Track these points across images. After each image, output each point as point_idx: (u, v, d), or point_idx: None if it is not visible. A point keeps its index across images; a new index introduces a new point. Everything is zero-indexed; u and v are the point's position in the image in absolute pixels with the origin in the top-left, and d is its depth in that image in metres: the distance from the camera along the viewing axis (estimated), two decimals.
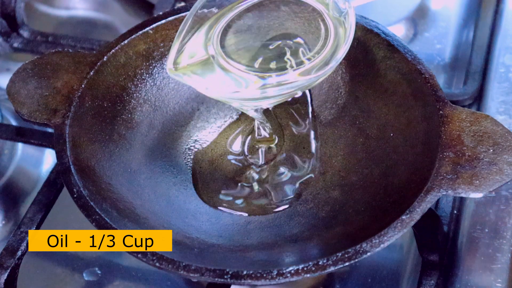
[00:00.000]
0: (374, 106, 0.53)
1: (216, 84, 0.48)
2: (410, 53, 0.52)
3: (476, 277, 0.49)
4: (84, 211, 0.46)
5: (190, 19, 0.49)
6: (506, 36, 0.64)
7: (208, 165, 0.55)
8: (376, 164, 0.51)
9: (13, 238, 0.52)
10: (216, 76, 0.48)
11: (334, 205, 0.51)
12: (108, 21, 0.75)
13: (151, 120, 0.55)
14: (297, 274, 0.42)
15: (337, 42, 0.48)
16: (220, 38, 0.49)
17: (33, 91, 0.52)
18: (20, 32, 0.68)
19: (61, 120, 0.50)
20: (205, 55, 0.49)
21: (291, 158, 0.54)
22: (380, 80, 0.53)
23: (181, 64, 0.48)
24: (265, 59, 0.49)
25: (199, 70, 0.48)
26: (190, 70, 0.48)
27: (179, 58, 0.48)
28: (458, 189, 0.44)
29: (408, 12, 0.70)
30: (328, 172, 0.53)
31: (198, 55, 0.49)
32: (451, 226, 0.52)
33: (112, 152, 0.52)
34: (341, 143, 0.54)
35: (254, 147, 0.55)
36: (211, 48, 0.49)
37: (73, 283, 0.54)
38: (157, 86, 0.56)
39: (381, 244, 0.43)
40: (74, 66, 0.53)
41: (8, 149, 0.61)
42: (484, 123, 0.47)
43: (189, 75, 0.48)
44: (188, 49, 0.48)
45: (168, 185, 0.53)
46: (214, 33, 0.49)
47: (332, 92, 0.55)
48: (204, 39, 0.49)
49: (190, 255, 0.46)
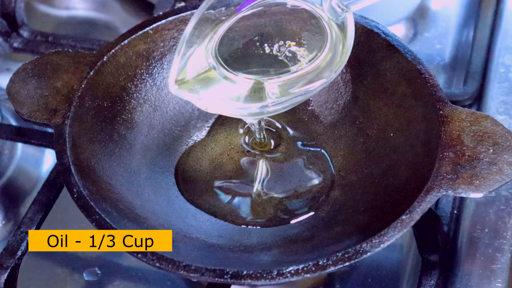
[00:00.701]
0: (374, 106, 0.53)
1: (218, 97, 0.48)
2: (410, 53, 0.52)
3: (476, 277, 0.49)
4: (84, 211, 0.46)
5: (187, 35, 0.48)
6: (506, 36, 0.64)
7: (208, 164, 0.55)
8: (376, 164, 0.51)
9: (13, 238, 0.51)
10: (218, 87, 0.48)
11: (334, 205, 0.51)
12: (108, 21, 0.75)
13: (151, 120, 0.55)
14: (297, 274, 0.42)
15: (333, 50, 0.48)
16: (218, 48, 0.49)
17: (33, 91, 0.52)
18: (20, 32, 0.68)
19: (61, 120, 0.50)
20: (207, 66, 0.49)
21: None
22: (380, 80, 0.53)
23: (187, 78, 0.48)
24: (264, 65, 0.49)
25: (202, 83, 0.48)
26: (194, 84, 0.48)
27: (182, 74, 0.48)
28: (458, 189, 0.44)
29: (408, 12, 0.70)
30: (328, 171, 0.53)
31: (201, 68, 0.49)
32: (451, 226, 0.52)
33: (112, 152, 0.52)
34: (341, 143, 0.54)
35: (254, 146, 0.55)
36: (211, 58, 0.49)
37: (73, 283, 0.54)
38: (157, 86, 0.56)
39: (381, 244, 0.43)
40: (74, 66, 0.53)
41: (8, 149, 0.61)
42: (484, 123, 0.47)
43: (194, 90, 0.48)
44: (191, 63, 0.48)
45: (168, 185, 0.53)
46: (212, 44, 0.49)
47: (332, 92, 0.55)
48: (205, 52, 0.49)
49: (190, 255, 0.46)
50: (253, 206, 0.52)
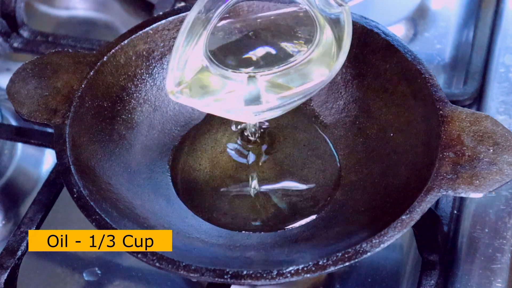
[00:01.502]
0: (374, 106, 0.53)
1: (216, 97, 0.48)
2: (410, 53, 0.52)
3: (476, 277, 0.49)
4: (84, 211, 0.46)
5: (183, 37, 0.48)
6: (506, 36, 0.64)
7: (208, 163, 0.54)
8: (376, 164, 0.51)
9: (13, 238, 0.51)
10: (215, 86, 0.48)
11: (334, 205, 0.51)
12: (108, 21, 0.75)
13: (151, 120, 0.55)
14: (297, 274, 0.42)
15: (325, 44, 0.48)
16: (209, 47, 0.49)
17: (33, 91, 0.52)
18: (20, 32, 0.68)
19: (61, 120, 0.50)
20: (200, 66, 0.49)
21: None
22: (380, 80, 0.53)
23: (185, 80, 0.47)
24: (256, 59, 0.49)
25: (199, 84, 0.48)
26: (192, 87, 0.48)
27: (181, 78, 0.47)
28: (458, 189, 0.44)
29: (408, 12, 0.70)
30: (328, 170, 0.53)
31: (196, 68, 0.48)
32: (451, 226, 0.52)
33: (112, 152, 0.52)
34: (341, 143, 0.54)
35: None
36: (203, 58, 0.49)
37: (73, 283, 0.54)
38: (157, 86, 0.56)
39: (381, 244, 0.43)
40: (74, 66, 0.53)
41: (8, 149, 0.61)
42: (484, 123, 0.47)
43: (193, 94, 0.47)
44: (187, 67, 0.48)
45: (168, 185, 0.53)
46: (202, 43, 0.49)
47: (332, 92, 0.55)
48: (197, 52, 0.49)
49: (190, 255, 0.46)
50: (253, 206, 0.52)
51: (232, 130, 0.55)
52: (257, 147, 0.55)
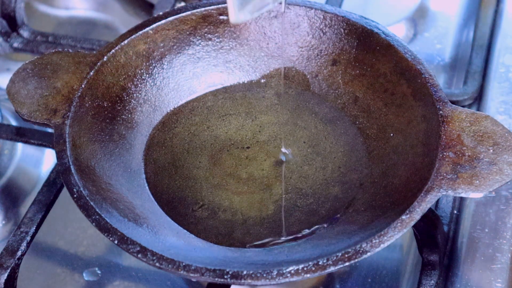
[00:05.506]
0: (374, 106, 0.53)
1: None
2: (410, 53, 0.52)
3: (476, 277, 0.49)
4: (84, 211, 0.46)
5: None
6: (506, 36, 0.64)
7: (208, 161, 0.54)
8: (376, 164, 0.51)
9: (13, 238, 0.51)
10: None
11: (334, 203, 0.51)
12: (108, 21, 0.75)
13: (151, 120, 0.55)
14: (297, 274, 0.42)
15: None
16: None
17: (33, 91, 0.52)
18: (20, 32, 0.68)
19: (61, 120, 0.50)
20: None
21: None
22: (380, 80, 0.53)
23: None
24: None
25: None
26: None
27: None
28: (458, 189, 0.44)
29: (408, 12, 0.70)
30: (328, 167, 0.53)
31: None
32: (451, 226, 0.52)
33: (112, 152, 0.52)
34: (341, 141, 0.54)
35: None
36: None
37: (73, 283, 0.54)
38: (157, 86, 0.56)
39: (381, 244, 0.43)
40: (74, 66, 0.53)
41: (8, 149, 0.61)
42: (484, 123, 0.47)
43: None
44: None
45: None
46: None
47: (332, 92, 0.55)
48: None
49: (190, 255, 0.46)
50: (253, 207, 0.52)
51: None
52: (255, 144, 0.55)
